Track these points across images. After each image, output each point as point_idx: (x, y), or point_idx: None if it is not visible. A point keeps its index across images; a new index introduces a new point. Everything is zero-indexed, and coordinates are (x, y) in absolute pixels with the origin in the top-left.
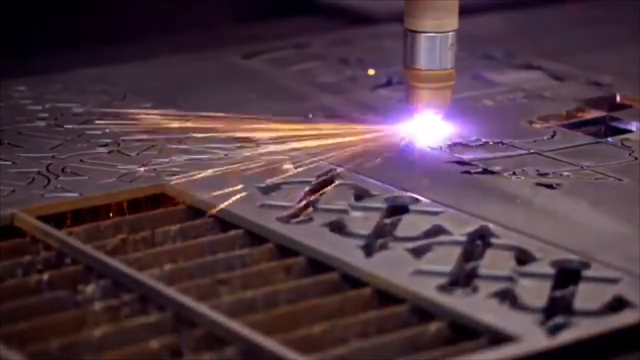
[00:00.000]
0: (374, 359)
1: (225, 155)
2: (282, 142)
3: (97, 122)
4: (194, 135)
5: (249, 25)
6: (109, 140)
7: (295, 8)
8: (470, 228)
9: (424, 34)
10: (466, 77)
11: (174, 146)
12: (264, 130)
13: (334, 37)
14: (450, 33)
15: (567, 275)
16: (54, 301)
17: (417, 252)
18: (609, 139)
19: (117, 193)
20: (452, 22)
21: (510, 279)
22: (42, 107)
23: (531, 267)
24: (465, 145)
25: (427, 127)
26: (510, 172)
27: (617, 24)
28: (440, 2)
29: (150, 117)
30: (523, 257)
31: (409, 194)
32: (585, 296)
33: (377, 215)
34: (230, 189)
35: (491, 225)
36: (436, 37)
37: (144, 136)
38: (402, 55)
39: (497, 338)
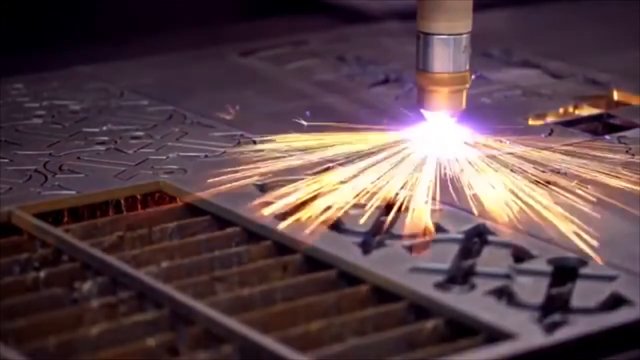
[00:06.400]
0: (371, 356)
1: (224, 152)
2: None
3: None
4: (192, 132)
5: (246, 23)
6: (106, 138)
7: (292, 5)
8: (468, 225)
9: (437, 37)
10: None
11: (171, 144)
12: None
13: (332, 35)
14: (464, 35)
15: (564, 273)
16: (51, 298)
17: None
18: (607, 136)
19: (114, 190)
20: (466, 24)
21: (507, 276)
22: (39, 105)
23: (528, 265)
24: (462, 143)
25: (440, 130)
26: (508, 170)
27: (616, 23)
28: (453, 3)
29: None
30: (520, 255)
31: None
32: (583, 294)
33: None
34: (228, 187)
35: (488, 223)
36: (450, 39)
37: (141, 133)
38: (415, 57)
39: (494, 335)
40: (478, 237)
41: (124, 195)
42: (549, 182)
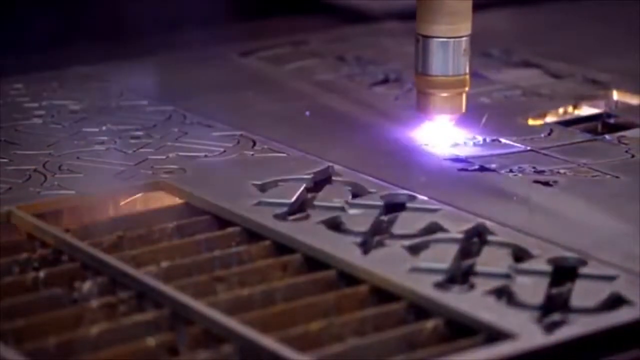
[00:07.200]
0: (371, 356)
1: (224, 152)
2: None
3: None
4: (192, 132)
5: (246, 23)
6: (105, 138)
7: (292, 5)
8: (467, 225)
9: (436, 39)
10: None
11: (171, 144)
12: None
13: (332, 35)
14: (464, 38)
15: (564, 273)
16: (51, 299)
17: (414, 250)
18: (606, 136)
19: (113, 190)
20: (465, 26)
21: (507, 276)
22: (38, 105)
23: (528, 265)
24: (462, 143)
25: (438, 132)
26: (507, 170)
27: (616, 23)
28: (453, 5)
29: None
30: (520, 255)
31: (405, 191)
32: (582, 294)
33: (375, 212)
34: (228, 186)
35: (488, 223)
36: (449, 42)
37: (141, 133)
38: (414, 60)
39: (494, 335)
40: (477, 237)
41: (124, 195)
42: (547, 182)
